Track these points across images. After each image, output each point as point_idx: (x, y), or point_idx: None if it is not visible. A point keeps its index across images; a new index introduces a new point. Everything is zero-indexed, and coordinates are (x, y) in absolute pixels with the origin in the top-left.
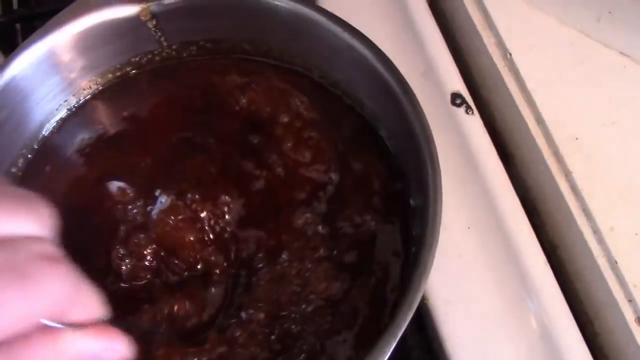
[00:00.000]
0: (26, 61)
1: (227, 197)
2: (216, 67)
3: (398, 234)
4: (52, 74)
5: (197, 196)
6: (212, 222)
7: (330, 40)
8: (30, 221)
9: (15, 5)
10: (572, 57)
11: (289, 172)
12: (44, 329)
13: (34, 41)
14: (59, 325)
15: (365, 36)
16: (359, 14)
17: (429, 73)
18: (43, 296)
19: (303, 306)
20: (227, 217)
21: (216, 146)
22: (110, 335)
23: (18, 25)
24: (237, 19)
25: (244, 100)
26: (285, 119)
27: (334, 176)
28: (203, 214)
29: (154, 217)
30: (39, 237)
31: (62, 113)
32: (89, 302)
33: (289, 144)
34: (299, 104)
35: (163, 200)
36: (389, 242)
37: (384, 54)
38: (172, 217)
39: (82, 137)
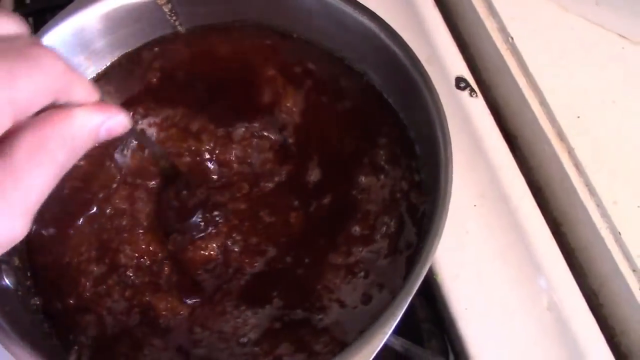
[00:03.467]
0: (50, 41)
1: None
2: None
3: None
4: (74, 55)
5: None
6: None
7: (341, 18)
8: (9, 21)
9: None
10: (572, 40)
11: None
12: (58, 111)
13: (58, 22)
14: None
15: (375, 14)
16: (364, 2)
17: (433, 59)
18: (48, 70)
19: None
20: None
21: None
22: (112, 107)
23: (31, 19)
24: (251, 2)
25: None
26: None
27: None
28: None
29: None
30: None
31: None
32: (84, 83)
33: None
34: None
35: None
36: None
37: (394, 30)
38: None
39: None
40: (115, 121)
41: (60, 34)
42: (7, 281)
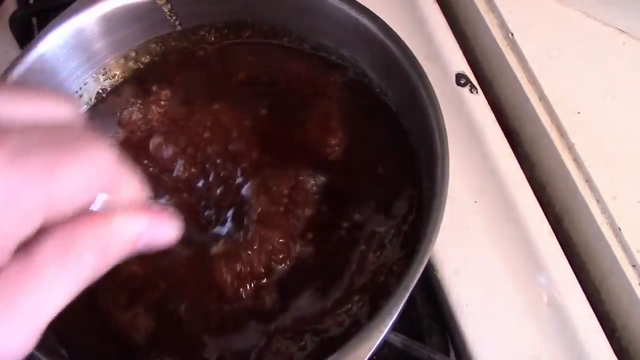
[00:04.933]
0: (51, 42)
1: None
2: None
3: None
4: (75, 56)
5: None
6: None
7: (339, 17)
8: (64, 106)
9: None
10: (572, 35)
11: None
12: (94, 213)
13: (58, 24)
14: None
15: (372, 12)
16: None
17: (433, 55)
18: (96, 165)
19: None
20: None
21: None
22: (159, 213)
23: (34, 19)
24: (250, 1)
25: None
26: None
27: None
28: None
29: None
30: (73, 121)
31: (85, 94)
32: (132, 181)
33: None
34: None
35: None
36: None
37: (391, 28)
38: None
39: (104, 118)
40: (159, 231)
41: (60, 36)
42: None
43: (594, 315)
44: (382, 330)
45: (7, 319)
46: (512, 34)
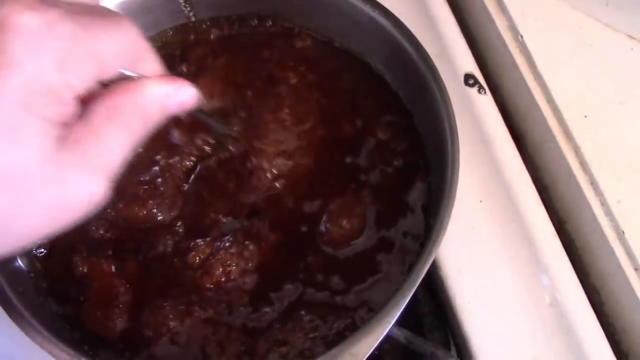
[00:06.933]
0: None
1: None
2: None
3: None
4: None
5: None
6: None
7: (352, 13)
8: None
9: None
10: (581, 39)
11: None
12: (130, 81)
13: None
14: (134, 75)
15: (385, 7)
16: None
17: (443, 55)
18: (126, 33)
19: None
20: None
21: None
22: (180, 80)
23: None
24: None
25: None
26: None
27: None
28: None
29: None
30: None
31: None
32: (154, 55)
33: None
34: None
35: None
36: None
37: (404, 24)
38: None
39: None
40: (184, 93)
41: None
42: (20, 263)
43: (595, 317)
44: (385, 327)
45: (86, 167)
46: (521, 37)
